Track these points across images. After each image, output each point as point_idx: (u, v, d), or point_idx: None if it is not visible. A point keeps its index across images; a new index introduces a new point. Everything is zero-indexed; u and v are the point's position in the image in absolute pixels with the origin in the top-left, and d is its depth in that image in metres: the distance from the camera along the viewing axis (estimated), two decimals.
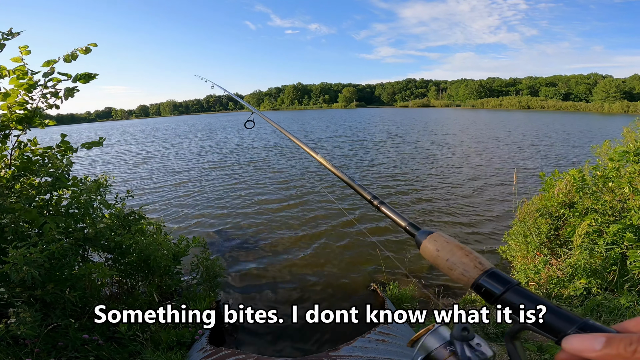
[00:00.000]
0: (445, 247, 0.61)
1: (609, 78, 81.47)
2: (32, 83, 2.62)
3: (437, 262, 0.62)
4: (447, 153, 15.62)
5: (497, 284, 0.52)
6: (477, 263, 0.56)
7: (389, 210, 0.80)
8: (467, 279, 0.56)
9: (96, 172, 8.79)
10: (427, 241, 0.64)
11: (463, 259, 0.58)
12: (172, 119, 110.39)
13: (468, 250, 0.59)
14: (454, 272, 0.58)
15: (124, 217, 3.52)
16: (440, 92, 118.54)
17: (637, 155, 3.88)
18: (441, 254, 0.61)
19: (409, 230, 0.72)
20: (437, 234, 0.64)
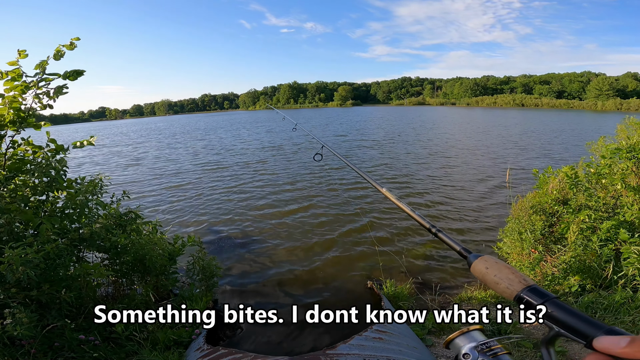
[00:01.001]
0: (493, 265, 0.73)
1: (602, 76, 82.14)
2: (25, 84, 2.63)
3: (486, 277, 0.73)
4: (444, 152, 15.69)
5: (537, 297, 0.61)
6: (521, 279, 0.66)
7: (445, 237, 0.94)
8: (510, 292, 0.66)
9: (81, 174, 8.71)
10: (478, 261, 0.77)
11: (509, 275, 0.68)
12: (167, 118, 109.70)
13: (514, 269, 0.70)
14: (500, 285, 0.69)
15: (120, 216, 3.50)
16: (436, 91, 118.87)
17: (630, 152, 3.91)
18: (490, 271, 0.72)
19: (462, 254, 0.85)
20: (487, 256, 0.77)
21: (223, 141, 23.19)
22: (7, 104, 2.62)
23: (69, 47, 2.75)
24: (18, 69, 2.55)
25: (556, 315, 0.56)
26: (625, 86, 76.42)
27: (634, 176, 3.99)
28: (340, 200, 8.30)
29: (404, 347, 2.54)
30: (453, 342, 0.76)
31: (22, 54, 2.56)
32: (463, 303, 3.98)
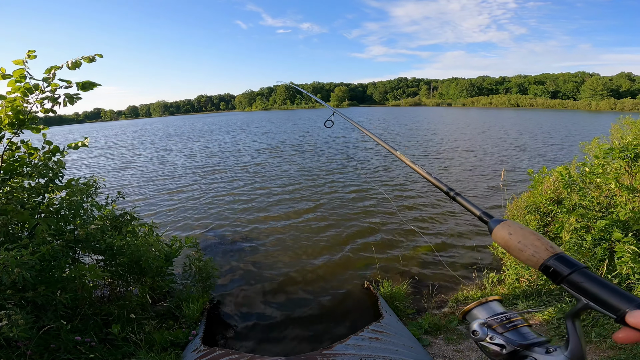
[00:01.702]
0: (517, 231, 0.67)
1: (596, 76, 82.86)
2: (28, 87, 2.61)
3: (509, 244, 0.67)
4: (440, 152, 15.76)
5: (565, 266, 0.57)
6: (548, 246, 0.61)
7: (464, 201, 0.88)
8: (536, 260, 0.61)
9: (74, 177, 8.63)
10: (500, 227, 0.71)
11: (535, 242, 0.63)
12: (163, 119, 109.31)
13: (540, 235, 0.64)
14: (524, 253, 0.63)
15: (116, 218, 3.49)
16: (432, 91, 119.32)
17: (623, 152, 3.95)
18: (513, 237, 0.67)
19: (483, 218, 0.79)
20: (510, 221, 0.71)
21: (220, 143, 23.07)
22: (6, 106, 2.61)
23: (87, 60, 2.75)
24: (22, 70, 2.53)
25: (585, 286, 0.53)
26: (619, 86, 77.11)
27: (628, 175, 4.03)
28: (339, 203, 8.30)
29: (400, 346, 2.55)
30: (470, 313, 0.72)
31: (32, 55, 2.54)
32: (459, 303, 4.00)
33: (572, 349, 0.54)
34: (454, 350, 3.10)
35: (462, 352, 3.07)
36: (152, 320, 3.19)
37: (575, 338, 0.55)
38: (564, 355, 0.55)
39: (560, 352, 0.56)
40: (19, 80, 2.56)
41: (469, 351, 3.07)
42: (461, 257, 5.29)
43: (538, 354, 0.58)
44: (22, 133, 2.77)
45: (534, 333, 0.64)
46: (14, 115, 2.62)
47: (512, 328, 0.64)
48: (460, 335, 3.31)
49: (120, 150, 22.76)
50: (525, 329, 0.65)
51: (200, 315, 3.61)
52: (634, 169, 3.99)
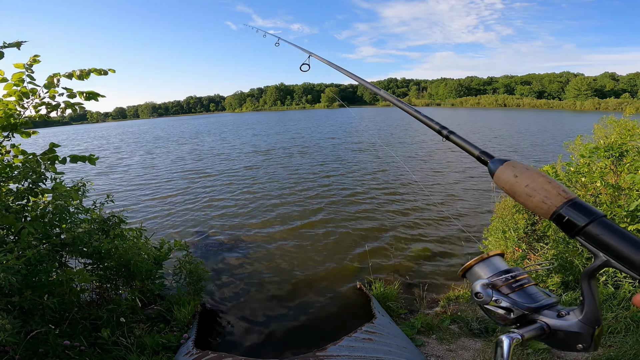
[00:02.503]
0: (524, 173, 0.58)
1: (581, 76, 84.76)
2: (25, 91, 2.59)
3: (514, 188, 0.58)
4: (430, 153, 15.92)
5: (582, 214, 0.49)
6: (560, 191, 0.53)
7: (459, 139, 0.79)
8: (547, 207, 0.53)
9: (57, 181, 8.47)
10: (503, 167, 0.61)
11: (545, 186, 0.54)
12: (151, 121, 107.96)
13: (550, 177, 0.56)
14: (534, 199, 0.55)
15: (103, 221, 3.44)
16: (421, 91, 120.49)
17: (608, 151, 4.04)
18: (520, 180, 0.58)
19: (481, 158, 0.70)
20: (514, 161, 0.62)
21: (209, 145, 22.75)
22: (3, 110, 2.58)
23: (97, 72, 2.75)
24: (21, 73, 2.50)
25: (606, 240, 0.45)
26: (603, 86, 79.01)
27: (613, 174, 4.13)
28: (330, 206, 8.31)
29: (393, 347, 2.56)
30: (471, 271, 0.64)
31: (36, 60, 2.52)
32: (451, 302, 4.04)
33: (587, 313, 0.49)
34: (446, 350, 3.13)
35: (455, 352, 3.09)
36: (143, 323, 3.15)
37: (590, 300, 0.49)
38: (577, 320, 0.50)
39: (573, 316, 0.51)
40: (16, 84, 2.53)
41: (462, 350, 3.10)
42: (452, 257, 5.34)
43: (549, 318, 0.53)
44: (13, 137, 2.72)
45: (543, 293, 0.58)
46: (5, 119, 2.57)
47: (518, 288, 0.58)
48: (452, 335, 3.34)
49: (103, 152, 22.35)
50: (533, 288, 0.59)
51: (191, 318, 3.58)
52: (619, 167, 4.09)
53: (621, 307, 3.12)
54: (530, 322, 0.54)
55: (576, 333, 0.49)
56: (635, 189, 3.50)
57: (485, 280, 0.60)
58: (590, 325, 0.49)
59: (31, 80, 2.57)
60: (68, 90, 2.70)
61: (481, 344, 3.15)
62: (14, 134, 2.72)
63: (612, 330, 2.93)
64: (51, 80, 2.66)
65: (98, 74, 2.77)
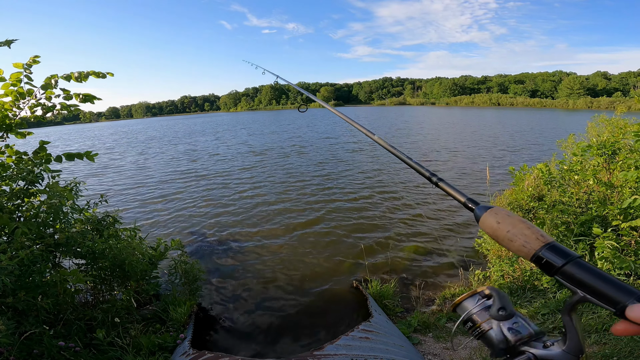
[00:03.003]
0: (506, 219, 0.63)
1: (573, 75, 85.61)
2: (21, 92, 2.56)
3: (497, 234, 0.63)
4: (427, 152, 15.98)
5: (558, 256, 0.54)
6: (538, 235, 0.58)
7: (447, 187, 0.85)
8: (527, 250, 0.57)
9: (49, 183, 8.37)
10: (487, 214, 0.66)
11: (525, 231, 0.59)
12: (145, 121, 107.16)
13: (530, 223, 0.61)
14: (515, 243, 0.60)
15: (97, 221, 3.41)
16: (416, 91, 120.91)
17: (600, 149, 4.09)
18: (502, 226, 0.63)
19: (468, 205, 0.75)
20: (497, 208, 0.67)
21: (203, 146, 22.54)
22: None
23: (95, 75, 2.72)
24: (19, 73, 2.46)
25: (581, 278, 0.50)
26: (595, 85, 79.85)
27: (605, 172, 4.17)
28: (326, 205, 8.31)
29: (390, 345, 2.57)
30: (461, 305, 0.69)
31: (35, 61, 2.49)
32: (447, 300, 4.06)
33: (570, 344, 0.53)
34: (443, 348, 3.15)
35: (452, 350, 3.11)
36: (138, 324, 3.13)
37: (573, 332, 0.53)
38: (561, 350, 0.54)
39: (558, 347, 0.54)
40: (14, 84, 2.50)
41: (458, 348, 3.12)
42: (447, 255, 5.37)
43: (535, 349, 0.57)
44: (8, 138, 2.70)
45: (529, 325, 0.62)
46: (0, 119, 2.54)
47: (505, 319, 0.62)
48: (449, 333, 3.36)
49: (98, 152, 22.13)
50: (520, 320, 0.62)
51: (188, 318, 3.56)
52: (611, 165, 4.14)
53: None
54: (519, 354, 0.58)
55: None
56: (627, 187, 3.54)
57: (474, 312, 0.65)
58: (574, 355, 0.53)
59: (28, 81, 2.54)
60: (65, 92, 2.67)
61: (477, 342, 3.17)
62: (9, 135, 2.69)
63: (606, 328, 2.97)
64: (49, 82, 2.63)
65: (97, 76, 2.74)
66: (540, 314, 3.28)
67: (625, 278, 3.29)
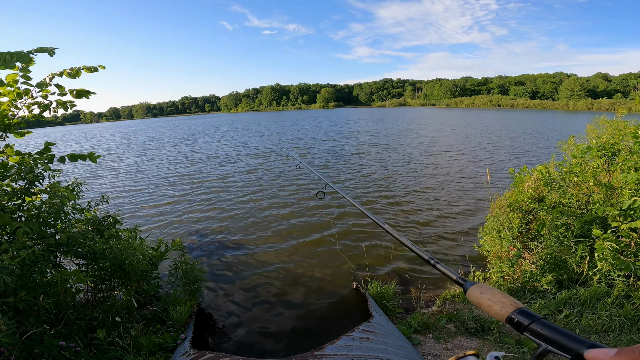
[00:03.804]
0: (487, 291, 0.81)
1: (574, 77, 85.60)
2: (19, 92, 2.57)
3: (480, 301, 0.81)
4: (428, 153, 16.00)
5: (526, 318, 0.68)
6: (512, 302, 0.74)
7: (443, 268, 1.05)
8: (503, 313, 0.73)
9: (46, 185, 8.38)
10: (474, 288, 0.85)
11: (502, 299, 0.75)
12: (145, 121, 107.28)
13: (506, 294, 0.78)
14: (493, 308, 0.76)
15: (98, 221, 3.42)
16: (416, 92, 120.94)
17: (600, 150, 4.10)
18: (484, 295, 0.80)
19: (459, 282, 0.94)
20: (481, 283, 0.86)
21: (204, 148, 22.37)
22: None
23: (88, 70, 2.73)
24: (15, 74, 2.47)
25: (543, 333, 0.62)
26: (595, 86, 79.83)
27: (605, 173, 4.18)
28: (326, 206, 8.31)
29: (391, 346, 2.57)
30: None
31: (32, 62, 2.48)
32: (447, 301, 4.06)
33: None
34: (443, 349, 3.15)
35: (452, 351, 3.11)
36: (139, 324, 3.14)
37: None
38: None
39: None
40: (10, 85, 2.51)
41: (458, 349, 3.12)
42: (448, 256, 5.37)
43: None
44: (7, 137, 2.71)
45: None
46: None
47: None
48: (449, 334, 3.36)
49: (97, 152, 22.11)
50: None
51: (188, 318, 3.57)
52: (611, 167, 4.14)
53: (615, 306, 3.15)
54: None
55: None
56: (627, 188, 3.55)
57: None
58: None
59: (25, 81, 2.55)
60: (60, 89, 2.68)
61: (477, 343, 3.17)
62: (8, 135, 2.70)
63: (606, 329, 2.97)
64: (44, 81, 2.64)
65: (88, 71, 2.74)
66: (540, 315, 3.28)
67: (625, 279, 3.29)
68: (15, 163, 2.77)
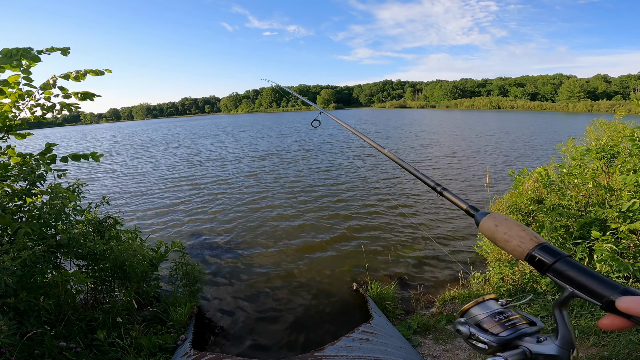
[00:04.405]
0: (503, 223, 0.69)
1: (573, 78, 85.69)
2: (21, 93, 2.58)
3: (495, 235, 0.69)
4: (428, 154, 16.02)
5: (549, 255, 0.59)
6: (532, 237, 0.63)
7: (451, 195, 0.92)
8: (522, 250, 0.63)
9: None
10: (486, 218, 0.74)
11: (520, 233, 0.65)
12: (146, 122, 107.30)
13: (524, 226, 0.66)
14: (510, 243, 0.65)
15: (99, 222, 3.43)
16: (416, 93, 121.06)
17: (599, 152, 4.11)
18: (499, 228, 0.69)
19: (469, 212, 0.82)
20: (495, 213, 0.74)
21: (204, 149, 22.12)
22: None
23: (93, 73, 2.74)
24: (17, 75, 2.48)
25: (570, 275, 0.54)
26: (595, 88, 79.90)
27: (604, 175, 4.19)
28: (327, 207, 8.32)
29: (390, 347, 2.58)
30: (468, 312, 0.73)
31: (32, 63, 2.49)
32: (446, 303, 4.07)
33: (562, 338, 0.57)
34: (443, 350, 3.15)
35: (452, 352, 3.12)
36: (139, 325, 3.14)
37: (564, 327, 0.57)
38: (554, 344, 0.57)
39: (550, 341, 0.58)
40: (12, 86, 2.51)
41: (458, 350, 3.13)
42: (447, 258, 5.38)
43: (529, 344, 0.60)
44: (8, 138, 2.72)
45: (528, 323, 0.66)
46: (0, 121, 2.57)
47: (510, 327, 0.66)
48: (449, 335, 3.37)
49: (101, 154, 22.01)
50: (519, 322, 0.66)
51: (188, 319, 3.58)
52: (610, 169, 4.15)
53: None
54: (514, 348, 0.62)
55: (554, 356, 0.57)
56: (626, 190, 3.56)
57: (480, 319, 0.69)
58: (566, 349, 0.56)
59: (27, 82, 2.56)
60: (63, 91, 2.69)
61: None
62: (9, 136, 2.71)
63: (605, 330, 2.98)
64: (47, 82, 2.65)
65: (94, 74, 2.76)
66: (540, 316, 3.29)
67: (624, 281, 3.30)
68: (17, 164, 2.77)
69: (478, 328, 0.67)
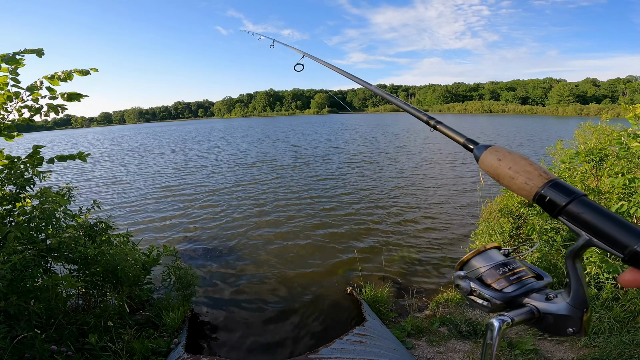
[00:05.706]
0: (507, 156, 0.59)
1: (563, 82, 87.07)
2: (9, 95, 2.56)
3: (498, 171, 0.59)
4: (421, 158, 16.13)
5: (562, 194, 0.48)
6: (541, 172, 0.53)
7: (446, 129, 0.80)
8: (529, 188, 0.53)
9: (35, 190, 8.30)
10: (487, 152, 0.63)
11: (527, 168, 0.55)
12: (138, 126, 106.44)
13: (531, 160, 0.57)
14: (516, 180, 0.55)
15: (90, 227, 3.40)
16: (410, 98, 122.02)
17: (588, 156, 4.18)
18: (503, 163, 0.59)
19: (467, 146, 0.71)
20: (497, 146, 0.63)
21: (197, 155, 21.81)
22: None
23: (80, 73, 2.72)
24: (5, 77, 2.46)
25: (586, 218, 0.45)
26: (584, 92, 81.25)
27: (593, 178, 4.27)
28: (320, 211, 8.33)
29: (384, 349, 2.59)
30: (468, 263, 0.65)
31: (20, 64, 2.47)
32: (440, 305, 4.09)
33: (574, 295, 0.49)
34: (436, 352, 3.17)
35: (445, 354, 3.13)
36: (131, 329, 3.11)
37: (577, 282, 0.49)
38: (566, 303, 0.50)
39: (561, 299, 0.51)
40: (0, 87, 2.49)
41: (451, 352, 3.15)
42: (440, 261, 5.41)
43: (537, 301, 0.54)
44: None
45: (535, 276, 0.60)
46: None
47: (516, 281, 0.59)
48: (442, 337, 3.39)
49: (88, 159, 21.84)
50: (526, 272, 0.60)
51: (181, 323, 3.55)
52: (599, 172, 4.23)
53: (604, 308, 3.20)
54: (520, 306, 0.55)
55: (565, 316, 0.50)
56: (615, 193, 3.63)
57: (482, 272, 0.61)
58: (578, 309, 0.49)
59: (15, 84, 2.54)
60: (51, 92, 2.66)
61: (470, 346, 3.20)
62: None
63: (596, 331, 3.01)
64: (35, 84, 2.63)
65: (80, 74, 2.72)
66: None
67: (613, 282, 3.35)
68: (5, 167, 2.74)
69: (480, 283, 0.60)
